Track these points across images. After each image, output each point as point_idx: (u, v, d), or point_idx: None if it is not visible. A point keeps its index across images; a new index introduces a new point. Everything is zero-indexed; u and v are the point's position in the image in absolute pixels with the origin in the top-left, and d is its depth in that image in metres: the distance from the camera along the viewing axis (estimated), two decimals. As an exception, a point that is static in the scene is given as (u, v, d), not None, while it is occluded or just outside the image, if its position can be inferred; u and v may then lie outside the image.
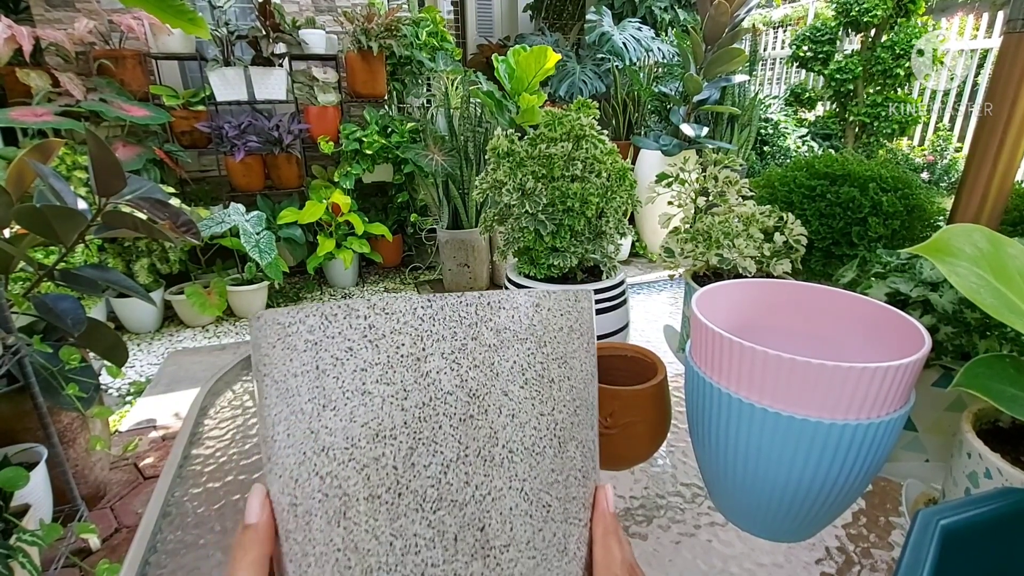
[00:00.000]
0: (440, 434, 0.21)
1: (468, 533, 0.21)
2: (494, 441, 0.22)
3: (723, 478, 0.43)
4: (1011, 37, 0.62)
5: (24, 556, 0.90)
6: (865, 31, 3.99)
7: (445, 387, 0.21)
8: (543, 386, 0.23)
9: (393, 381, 0.21)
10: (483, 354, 0.22)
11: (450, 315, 0.21)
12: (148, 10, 1.09)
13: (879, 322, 0.43)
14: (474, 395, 0.21)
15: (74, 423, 1.38)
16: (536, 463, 0.23)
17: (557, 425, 0.24)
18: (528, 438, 0.22)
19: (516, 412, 0.22)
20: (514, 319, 0.22)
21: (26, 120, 2.26)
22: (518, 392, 0.22)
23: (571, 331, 0.25)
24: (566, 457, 0.24)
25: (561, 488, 0.24)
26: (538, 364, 0.23)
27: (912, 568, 0.26)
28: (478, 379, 0.21)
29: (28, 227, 1.08)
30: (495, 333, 0.22)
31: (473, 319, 0.22)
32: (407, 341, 0.21)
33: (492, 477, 0.22)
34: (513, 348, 0.22)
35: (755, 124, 3.41)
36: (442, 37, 3.41)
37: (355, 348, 0.21)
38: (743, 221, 0.67)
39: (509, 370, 0.22)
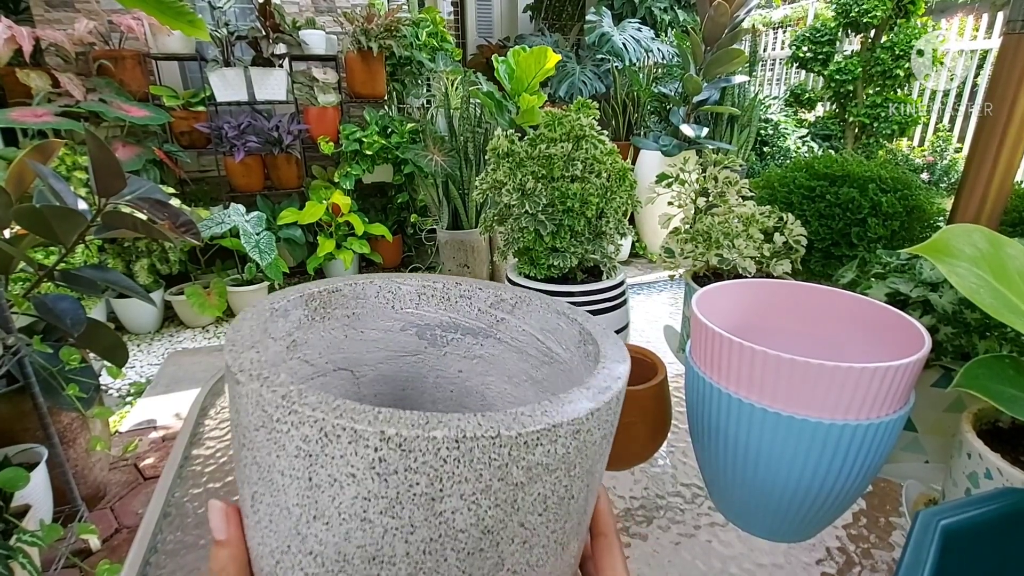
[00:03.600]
0: (444, 565, 0.20)
1: None
2: (500, 566, 0.21)
3: (723, 478, 0.43)
4: (1011, 38, 0.62)
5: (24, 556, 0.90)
6: (865, 32, 3.99)
7: (458, 526, 0.19)
8: (562, 507, 0.21)
9: (400, 516, 0.19)
10: (507, 493, 0.19)
11: (479, 457, 0.18)
12: (147, 11, 1.09)
13: (879, 322, 0.43)
14: (488, 531, 0.20)
15: (74, 423, 1.38)
16: (536, 573, 0.22)
17: (565, 535, 0.22)
18: (534, 556, 0.21)
19: (528, 538, 0.21)
20: (549, 453, 0.20)
21: (26, 121, 2.26)
22: (535, 520, 0.21)
23: (604, 440, 0.23)
24: (566, 556, 0.23)
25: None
26: (562, 489, 0.21)
27: (912, 568, 0.26)
28: (496, 516, 0.20)
29: (28, 227, 1.08)
30: (525, 471, 0.19)
31: (504, 460, 0.19)
32: (423, 481, 0.18)
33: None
34: (541, 482, 0.20)
35: (755, 125, 3.41)
36: (442, 37, 3.41)
37: (359, 477, 0.18)
38: (743, 222, 0.67)
39: (531, 503, 0.20)
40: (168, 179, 2.80)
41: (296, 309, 0.30)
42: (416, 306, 0.35)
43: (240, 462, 0.22)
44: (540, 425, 0.19)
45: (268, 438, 0.19)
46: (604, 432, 0.22)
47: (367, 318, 0.34)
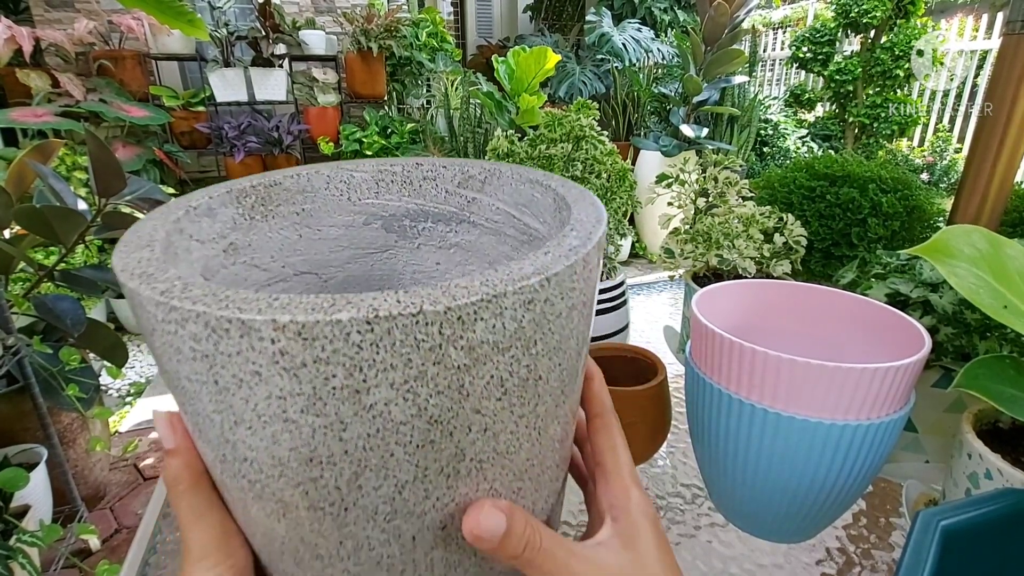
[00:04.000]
0: (392, 461, 0.18)
1: (428, 533, 0.20)
2: (460, 457, 0.19)
3: (723, 479, 0.43)
4: (1010, 38, 0.62)
5: (24, 557, 0.90)
6: (864, 32, 3.99)
7: (397, 418, 0.17)
8: (526, 389, 0.19)
9: (325, 413, 0.16)
10: (449, 378, 0.17)
11: (402, 340, 0.15)
12: (147, 11, 1.09)
13: (879, 323, 0.43)
14: (436, 421, 0.17)
15: (74, 424, 1.38)
16: (509, 462, 0.20)
17: (539, 419, 0.20)
18: (502, 444, 0.19)
19: (489, 425, 0.19)
20: (495, 329, 0.17)
21: (26, 121, 2.26)
22: (493, 406, 0.18)
23: (571, 311, 0.20)
24: (545, 440, 0.21)
25: (536, 469, 0.21)
26: (523, 369, 0.18)
27: (912, 569, 0.26)
28: (442, 404, 0.17)
29: (28, 228, 1.08)
30: (466, 352, 0.17)
31: (435, 341, 0.16)
32: (339, 372, 0.16)
33: (456, 488, 0.19)
34: (491, 362, 0.17)
35: (755, 125, 3.41)
36: (442, 38, 3.41)
37: (264, 374, 0.16)
38: (743, 222, 0.67)
39: (484, 387, 0.18)
40: (168, 179, 2.80)
41: (225, 207, 0.26)
42: (376, 195, 0.31)
43: (161, 371, 0.19)
44: (475, 297, 0.16)
45: (163, 342, 0.17)
46: (571, 303, 0.19)
47: (321, 213, 0.30)
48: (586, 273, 0.20)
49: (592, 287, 0.21)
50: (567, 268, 0.18)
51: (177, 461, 0.21)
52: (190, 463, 0.21)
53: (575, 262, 0.19)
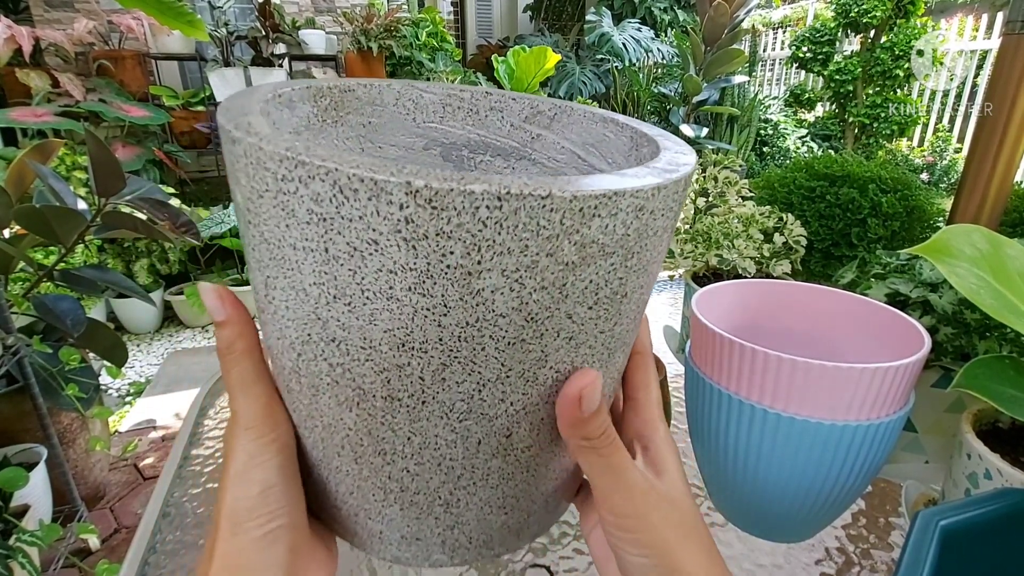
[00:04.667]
0: (481, 355, 0.17)
1: (493, 439, 0.20)
2: (542, 363, 0.18)
3: (722, 479, 0.43)
4: (1010, 38, 0.62)
5: (24, 556, 0.90)
6: (864, 32, 4.00)
7: (499, 309, 0.16)
8: (614, 303, 0.19)
9: (432, 294, 0.16)
10: (556, 273, 0.16)
11: (525, 223, 0.15)
12: (147, 11, 1.09)
13: (879, 323, 0.43)
14: (532, 319, 0.17)
15: (74, 424, 1.38)
16: None
17: (614, 339, 0.20)
18: (580, 358, 0.19)
19: (575, 334, 0.18)
20: (607, 230, 0.16)
21: (26, 120, 2.26)
22: (584, 313, 0.18)
23: (665, 231, 0.19)
24: (611, 367, 0.21)
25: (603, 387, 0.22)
26: (616, 280, 0.18)
27: (912, 569, 0.26)
28: (541, 302, 0.17)
29: (28, 227, 1.08)
30: (578, 248, 0.16)
31: (555, 230, 0.15)
32: (458, 249, 0.15)
33: (530, 395, 0.19)
34: (595, 265, 0.17)
35: (755, 125, 3.41)
36: (442, 38, 3.41)
37: (382, 244, 0.15)
38: (743, 222, 0.67)
39: (582, 291, 0.17)
40: (168, 179, 2.80)
41: (304, 103, 0.26)
42: (440, 120, 0.30)
43: (248, 245, 0.19)
44: (600, 189, 0.16)
45: (275, 203, 0.16)
46: (667, 222, 0.19)
47: (385, 130, 0.29)
48: (682, 196, 0.19)
49: (678, 209, 0.20)
50: (674, 183, 0.18)
51: (229, 331, 0.21)
52: (244, 332, 0.22)
53: (680, 179, 0.18)
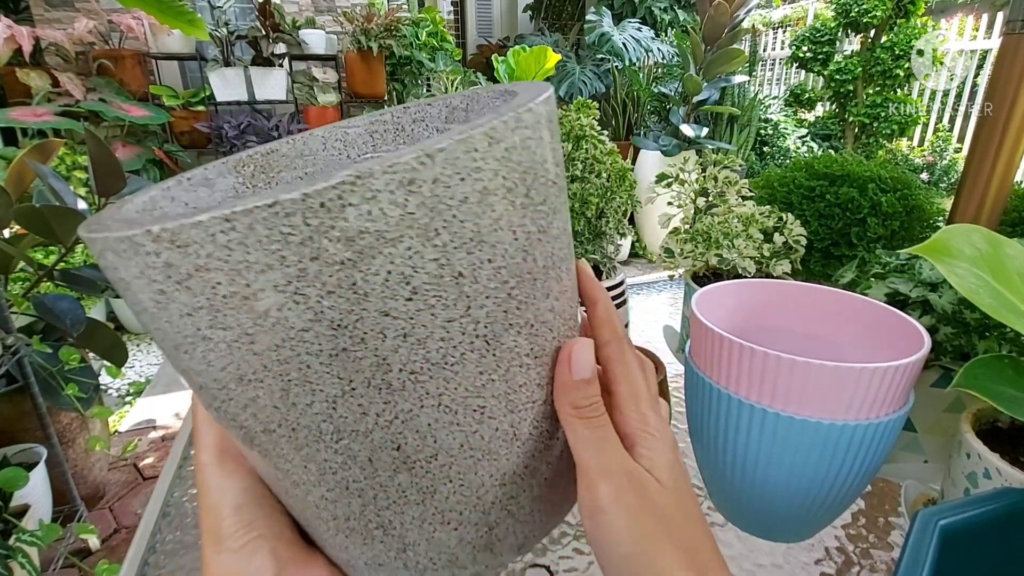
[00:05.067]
0: (312, 373, 0.17)
1: (383, 454, 0.19)
2: (385, 368, 0.17)
3: (722, 478, 0.43)
4: (1011, 38, 0.62)
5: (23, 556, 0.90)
6: (864, 32, 3.99)
7: (297, 324, 0.16)
8: (444, 288, 0.17)
9: (229, 326, 0.16)
10: (336, 275, 0.16)
11: (268, 235, 0.15)
12: (147, 11, 1.09)
13: (878, 322, 0.43)
14: (339, 326, 0.16)
15: (73, 423, 1.38)
16: (454, 375, 0.19)
17: (479, 324, 0.18)
18: (434, 353, 0.18)
19: (408, 331, 0.17)
20: (373, 216, 0.15)
21: (26, 120, 2.26)
22: (404, 307, 0.17)
23: (485, 196, 0.17)
24: (502, 351, 0.19)
25: (499, 385, 0.20)
26: (430, 264, 0.17)
27: (911, 568, 0.26)
28: (339, 307, 0.16)
29: (28, 227, 1.08)
30: (345, 244, 0.15)
31: (304, 232, 0.15)
32: (222, 279, 0.15)
33: (394, 402, 0.18)
34: (382, 256, 0.16)
35: (755, 124, 3.41)
36: (442, 37, 3.41)
37: (167, 291, 0.16)
38: (743, 222, 0.67)
39: (383, 285, 0.16)
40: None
41: (223, 177, 0.26)
42: (373, 147, 0.31)
43: None
44: (335, 180, 0.15)
45: (113, 280, 0.18)
46: (483, 186, 0.17)
47: (323, 176, 0.30)
48: (503, 153, 0.18)
49: (531, 171, 0.19)
50: (458, 143, 0.16)
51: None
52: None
53: (471, 137, 0.17)
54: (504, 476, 0.22)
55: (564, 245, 0.22)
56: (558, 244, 0.21)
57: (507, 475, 0.22)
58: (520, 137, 0.18)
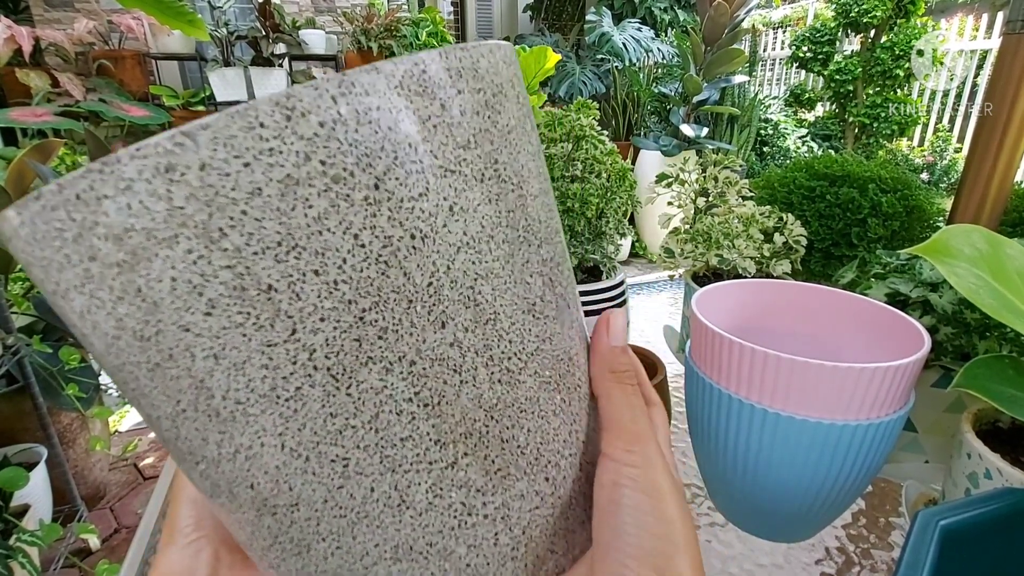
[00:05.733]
0: (142, 386, 0.16)
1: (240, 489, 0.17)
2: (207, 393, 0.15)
3: (723, 479, 0.43)
4: (1011, 38, 0.62)
5: (24, 556, 0.90)
6: (864, 32, 3.99)
7: (107, 331, 0.15)
8: (250, 302, 0.14)
9: (71, 324, 0.16)
10: (121, 279, 0.14)
11: (44, 230, 0.14)
12: (147, 11, 1.09)
13: (879, 322, 0.43)
14: (142, 338, 0.15)
15: (74, 423, 1.38)
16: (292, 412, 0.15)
17: (313, 354, 0.15)
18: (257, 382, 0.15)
19: (217, 351, 0.15)
20: (133, 210, 0.13)
21: (26, 120, 2.26)
22: (203, 323, 0.14)
23: (289, 186, 0.14)
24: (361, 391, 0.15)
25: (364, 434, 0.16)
26: (222, 272, 0.14)
27: (912, 568, 0.26)
28: (135, 315, 0.14)
29: (28, 227, 1.07)
30: (115, 243, 0.13)
31: (73, 229, 0.14)
32: (37, 274, 0.15)
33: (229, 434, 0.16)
34: (160, 259, 0.14)
35: (755, 125, 3.41)
36: (442, 37, 3.41)
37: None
38: (743, 222, 0.67)
39: (171, 294, 0.14)
40: (168, 179, 2.80)
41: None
42: None
43: None
44: (82, 171, 0.13)
45: None
46: (277, 175, 0.13)
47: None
48: (317, 130, 0.13)
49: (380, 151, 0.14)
50: (238, 118, 0.13)
51: None
52: None
53: (264, 112, 0.13)
54: (396, 549, 0.17)
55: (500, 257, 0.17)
56: (473, 254, 0.16)
57: (399, 548, 0.17)
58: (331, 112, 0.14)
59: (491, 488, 0.18)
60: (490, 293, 0.17)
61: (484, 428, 0.17)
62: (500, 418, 0.18)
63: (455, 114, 0.16)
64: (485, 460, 0.17)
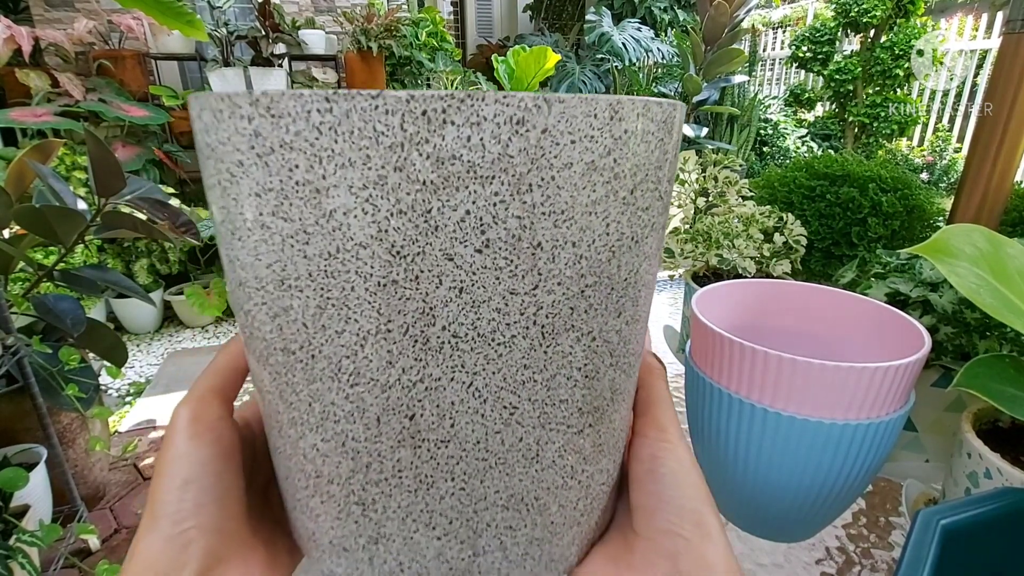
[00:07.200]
0: (352, 297, 0.16)
1: (393, 418, 0.18)
2: (429, 320, 0.16)
3: (723, 478, 0.43)
4: (1010, 38, 0.62)
5: (24, 557, 0.90)
6: (864, 32, 3.99)
7: (357, 236, 0.15)
8: (519, 252, 0.16)
9: (291, 217, 0.16)
10: (414, 194, 0.15)
11: (361, 128, 0.14)
12: (146, 11, 1.08)
13: (879, 322, 0.43)
14: (399, 253, 0.15)
15: (74, 424, 1.38)
16: (496, 355, 0.17)
17: (540, 310, 0.17)
18: (484, 322, 0.16)
19: (466, 285, 0.16)
20: (471, 144, 0.14)
21: (25, 120, 2.26)
22: (471, 257, 0.16)
23: (591, 171, 0.16)
24: (554, 352, 0.18)
25: (539, 389, 0.18)
26: (512, 220, 0.15)
27: (912, 567, 0.26)
28: (405, 231, 0.15)
29: (27, 227, 1.08)
30: (434, 164, 0.14)
31: (397, 137, 0.14)
32: (301, 162, 0.15)
33: (425, 363, 0.17)
34: (467, 191, 0.15)
35: (755, 124, 3.41)
36: (442, 37, 3.41)
37: (245, 163, 0.16)
38: (743, 222, 0.67)
39: (458, 224, 0.15)
40: (168, 179, 2.80)
41: None
42: None
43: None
44: (444, 93, 0.14)
45: (199, 145, 0.18)
46: (591, 158, 0.16)
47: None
48: (621, 133, 0.16)
49: (643, 169, 0.17)
50: (580, 101, 0.15)
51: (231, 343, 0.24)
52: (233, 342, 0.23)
53: (595, 101, 0.15)
54: (510, 498, 0.19)
55: (650, 270, 0.20)
56: (646, 264, 0.20)
57: (513, 498, 0.19)
58: (643, 126, 0.17)
59: (593, 459, 0.21)
60: (646, 298, 0.21)
61: (606, 406, 0.20)
62: (615, 400, 0.21)
63: (676, 161, 0.20)
64: (597, 434, 0.21)
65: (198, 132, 0.17)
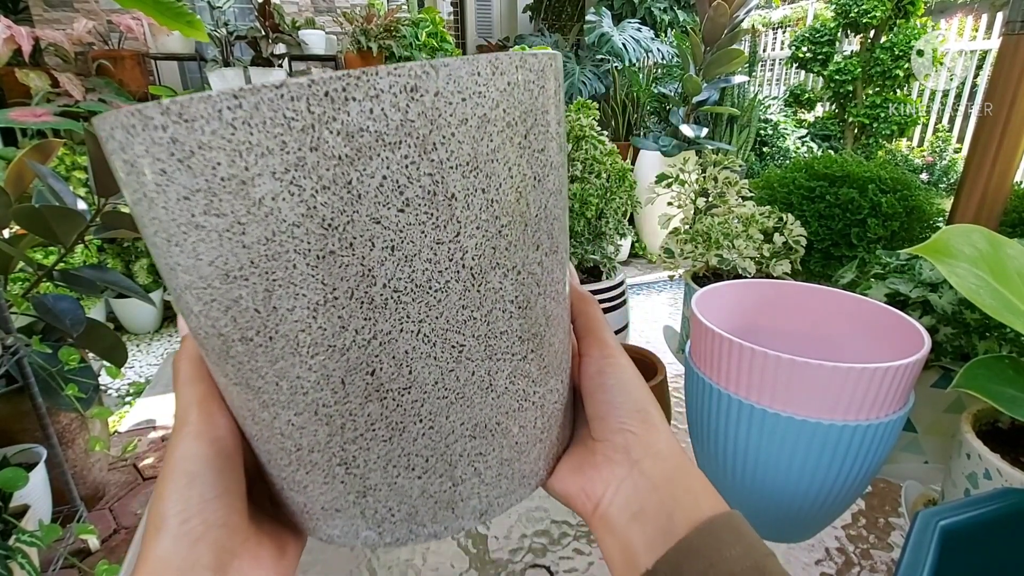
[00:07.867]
0: (296, 274, 0.17)
1: (356, 376, 0.19)
2: (370, 281, 0.17)
3: (722, 479, 0.43)
4: (1010, 38, 0.62)
5: (23, 557, 0.90)
6: (864, 32, 3.99)
7: (288, 218, 0.16)
8: (436, 206, 0.17)
9: (223, 212, 0.16)
10: (333, 169, 0.16)
11: (272, 117, 0.15)
12: (146, 12, 1.08)
13: (879, 323, 0.43)
14: (330, 226, 0.16)
15: (73, 424, 1.38)
16: (436, 302, 0.19)
17: (465, 254, 0.18)
18: (419, 274, 0.18)
19: (396, 244, 0.17)
20: (374, 115, 0.16)
21: (25, 120, 2.26)
22: (395, 217, 0.17)
23: (486, 124, 0.18)
24: (486, 289, 0.19)
25: (480, 325, 0.20)
26: (425, 178, 0.17)
27: (912, 569, 0.26)
28: (332, 204, 0.16)
29: (27, 227, 1.07)
30: (345, 139, 0.16)
31: (306, 120, 0.15)
32: (222, 159, 0.16)
33: (375, 320, 0.18)
34: (380, 159, 0.16)
35: (754, 125, 3.41)
36: (442, 38, 3.41)
37: (168, 170, 0.16)
38: (743, 222, 0.67)
39: (378, 190, 0.16)
40: (167, 179, 2.80)
41: None
42: None
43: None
44: (341, 73, 0.15)
45: (114, 165, 0.18)
46: (483, 112, 0.17)
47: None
48: (505, 85, 0.18)
49: (531, 114, 0.19)
50: (463, 62, 0.17)
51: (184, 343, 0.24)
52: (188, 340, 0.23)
53: (476, 60, 0.17)
54: (475, 428, 0.21)
55: (558, 204, 0.22)
56: (552, 200, 0.22)
57: (477, 427, 0.21)
58: (523, 77, 0.19)
59: (541, 380, 0.23)
60: (560, 231, 0.23)
61: (543, 331, 0.22)
62: (550, 325, 0.23)
63: (562, 105, 0.23)
64: (540, 358, 0.23)
65: (113, 152, 0.17)
